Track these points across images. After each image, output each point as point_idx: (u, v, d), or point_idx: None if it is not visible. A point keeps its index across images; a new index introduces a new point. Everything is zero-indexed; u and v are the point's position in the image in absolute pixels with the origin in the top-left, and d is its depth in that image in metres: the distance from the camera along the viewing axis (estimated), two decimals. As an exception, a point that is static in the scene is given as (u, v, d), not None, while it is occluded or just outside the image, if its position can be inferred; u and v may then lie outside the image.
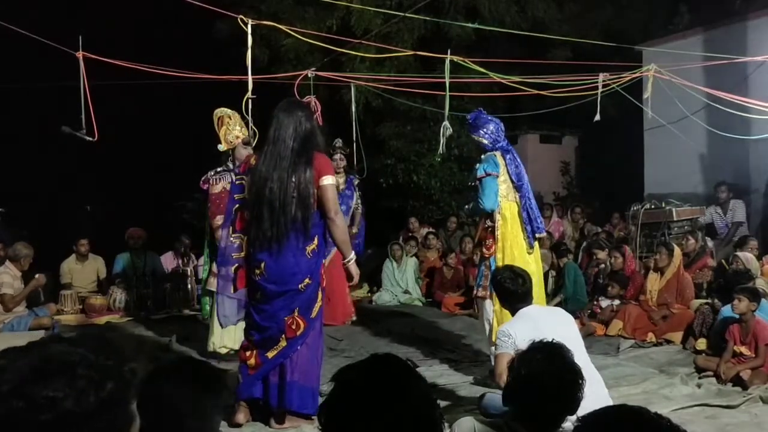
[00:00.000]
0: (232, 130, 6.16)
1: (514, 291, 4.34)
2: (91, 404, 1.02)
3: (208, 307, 6.36)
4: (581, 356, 3.89)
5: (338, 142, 8.06)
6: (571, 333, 4.04)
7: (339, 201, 4.79)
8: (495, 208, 5.45)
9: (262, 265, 4.39)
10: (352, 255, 4.65)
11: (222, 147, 6.21)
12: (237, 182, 4.74)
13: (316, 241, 4.45)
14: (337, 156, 7.78)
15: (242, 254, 4.55)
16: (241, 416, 4.54)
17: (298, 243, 4.37)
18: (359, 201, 8.18)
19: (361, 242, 8.60)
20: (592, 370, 3.91)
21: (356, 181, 8.19)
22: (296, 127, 4.42)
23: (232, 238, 4.59)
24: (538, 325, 3.97)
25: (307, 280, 4.43)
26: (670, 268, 7.24)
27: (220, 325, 5.25)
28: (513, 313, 4.37)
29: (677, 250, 7.39)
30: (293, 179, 4.33)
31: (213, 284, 5.79)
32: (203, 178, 6.47)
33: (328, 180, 4.42)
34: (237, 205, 4.62)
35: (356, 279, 4.76)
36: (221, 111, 6.23)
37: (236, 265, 4.57)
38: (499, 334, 4.15)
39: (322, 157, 4.54)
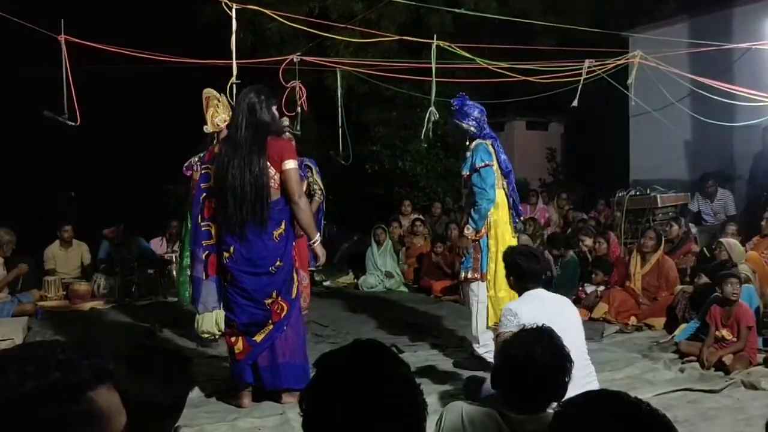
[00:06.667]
0: (220, 113, 6.00)
1: (527, 270, 4.25)
2: (28, 389, 1.03)
3: (187, 294, 6.17)
4: (579, 342, 3.89)
5: (285, 121, 6.69)
6: (574, 318, 4.05)
7: None
8: (495, 198, 5.47)
9: (232, 248, 4.48)
10: (318, 236, 4.69)
11: (208, 129, 6.03)
12: (203, 171, 4.74)
13: (283, 226, 4.51)
14: (286, 136, 6.29)
15: (212, 241, 4.60)
16: (246, 401, 4.64)
17: (262, 228, 4.42)
18: (316, 187, 6.83)
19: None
20: (585, 359, 3.91)
21: (313, 166, 6.87)
22: (247, 115, 4.44)
23: (202, 226, 4.63)
24: (544, 306, 3.98)
25: (278, 262, 4.49)
26: (657, 252, 7.30)
27: (196, 311, 5.22)
28: (521, 293, 4.30)
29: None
30: (248, 169, 4.37)
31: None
32: (186, 164, 6.31)
33: (290, 164, 4.45)
34: (204, 194, 4.65)
35: (322, 259, 4.80)
36: (209, 92, 6.10)
37: (207, 252, 4.62)
38: (504, 312, 4.12)
39: (279, 142, 4.55)
